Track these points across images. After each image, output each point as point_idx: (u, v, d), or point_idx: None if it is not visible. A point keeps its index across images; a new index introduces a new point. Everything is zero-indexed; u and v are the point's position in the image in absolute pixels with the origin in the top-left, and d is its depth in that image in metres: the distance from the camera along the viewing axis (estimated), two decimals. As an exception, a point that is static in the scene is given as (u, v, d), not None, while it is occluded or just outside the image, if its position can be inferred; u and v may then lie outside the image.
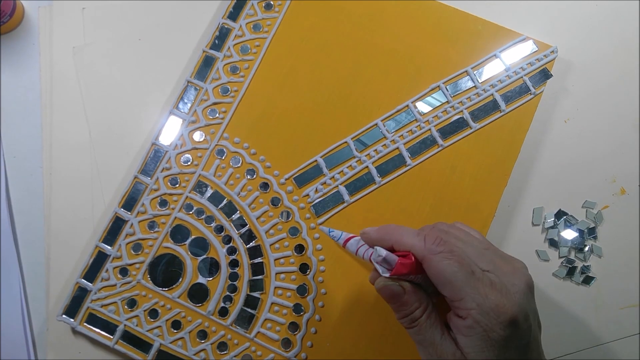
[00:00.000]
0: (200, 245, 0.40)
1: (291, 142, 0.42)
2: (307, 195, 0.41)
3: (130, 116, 0.45)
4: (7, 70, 0.46)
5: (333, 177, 0.42)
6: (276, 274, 0.40)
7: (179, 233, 0.41)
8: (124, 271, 0.40)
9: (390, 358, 0.38)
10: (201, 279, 0.40)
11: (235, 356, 0.38)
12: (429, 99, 0.43)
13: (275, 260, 0.40)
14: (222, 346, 0.39)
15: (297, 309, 0.39)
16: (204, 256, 0.40)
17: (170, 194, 0.41)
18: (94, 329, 0.39)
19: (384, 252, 0.29)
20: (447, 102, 0.43)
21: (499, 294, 0.27)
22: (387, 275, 0.29)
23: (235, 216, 0.41)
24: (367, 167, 0.42)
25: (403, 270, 0.29)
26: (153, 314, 0.39)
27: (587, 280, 0.42)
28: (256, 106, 0.43)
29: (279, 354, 0.38)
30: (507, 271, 0.29)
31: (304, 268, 0.40)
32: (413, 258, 0.29)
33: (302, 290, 0.40)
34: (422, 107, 0.43)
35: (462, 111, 0.43)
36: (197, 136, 0.43)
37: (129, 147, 0.44)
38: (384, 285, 0.30)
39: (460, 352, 0.28)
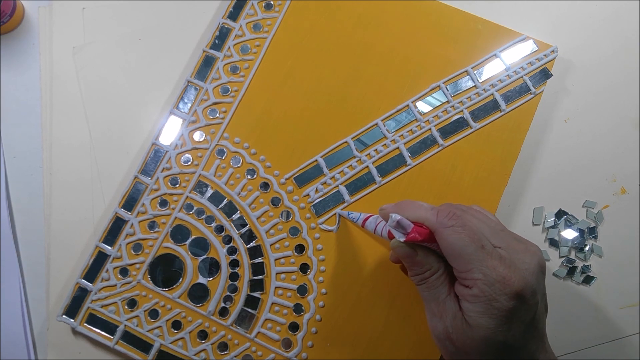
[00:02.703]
0: (201, 246, 0.40)
1: (291, 142, 0.42)
2: (308, 195, 0.41)
3: (130, 116, 0.45)
4: (7, 70, 0.46)
5: (333, 177, 0.42)
6: (276, 274, 0.40)
7: (179, 233, 0.41)
8: (124, 271, 0.40)
9: (390, 358, 0.38)
10: (201, 279, 0.40)
11: (235, 356, 0.38)
12: (429, 98, 0.43)
13: (275, 260, 0.40)
14: (223, 346, 0.39)
15: (298, 309, 0.39)
16: (204, 256, 0.40)
17: (171, 194, 0.41)
18: (94, 329, 0.39)
19: (398, 217, 0.29)
20: (448, 101, 0.43)
21: (507, 268, 0.28)
22: (402, 239, 0.29)
23: (235, 216, 0.41)
24: (367, 167, 0.42)
25: (418, 237, 0.29)
26: (153, 314, 0.39)
27: (588, 280, 0.42)
28: (256, 106, 0.43)
29: (280, 354, 0.38)
30: (519, 250, 0.29)
31: (304, 268, 0.40)
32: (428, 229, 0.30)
33: (302, 290, 0.40)
34: (423, 106, 0.43)
35: (462, 111, 0.43)
36: (197, 136, 0.43)
37: (129, 147, 0.44)
38: (398, 245, 0.31)
39: (461, 314, 0.29)
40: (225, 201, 0.41)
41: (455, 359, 0.30)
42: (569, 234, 0.43)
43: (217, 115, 0.43)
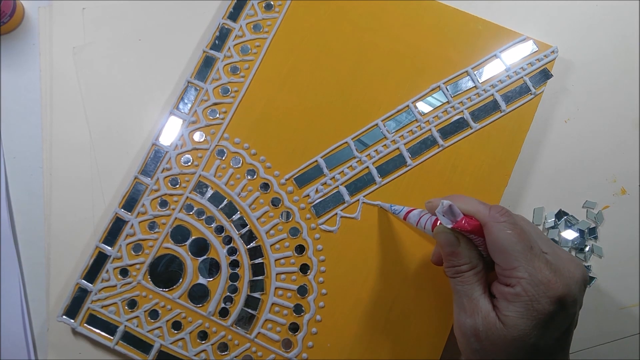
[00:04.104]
0: (201, 246, 0.40)
1: (291, 142, 0.42)
2: (308, 195, 0.41)
3: (130, 116, 0.45)
4: (7, 70, 0.46)
5: (333, 177, 0.42)
6: (277, 274, 0.40)
7: (179, 234, 0.41)
8: (124, 272, 0.40)
9: (390, 358, 0.39)
10: (201, 280, 0.40)
11: (235, 357, 0.38)
12: (429, 99, 0.43)
13: (275, 260, 0.40)
14: (223, 347, 0.39)
15: (298, 309, 0.39)
16: (205, 257, 0.40)
17: (171, 195, 0.41)
18: (95, 329, 0.39)
19: (449, 202, 0.29)
20: (448, 102, 0.43)
21: (553, 272, 0.28)
22: (449, 226, 0.29)
23: (235, 217, 0.41)
24: (367, 167, 0.42)
25: (466, 226, 0.29)
26: (153, 314, 0.39)
27: (588, 280, 0.42)
28: (256, 106, 0.43)
29: (280, 355, 0.38)
30: (565, 259, 0.29)
31: (304, 268, 0.40)
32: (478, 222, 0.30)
33: (302, 290, 0.40)
34: (423, 107, 0.43)
35: (462, 111, 0.43)
36: (198, 136, 0.43)
37: (129, 148, 0.44)
38: (442, 231, 0.30)
39: (496, 313, 0.28)
40: (225, 202, 0.41)
41: (477, 358, 0.30)
42: (569, 234, 0.43)
43: (217, 115, 0.43)
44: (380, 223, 0.41)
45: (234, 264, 0.40)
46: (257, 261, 0.40)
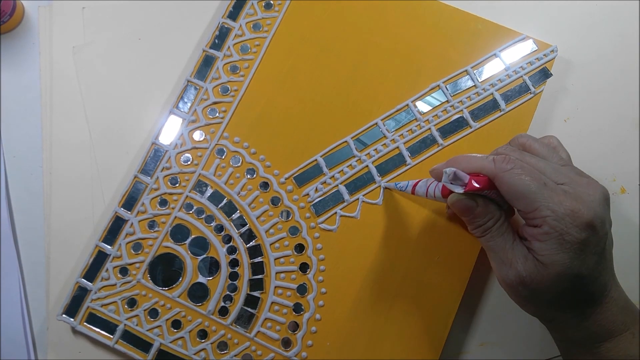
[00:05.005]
0: (200, 245, 0.40)
1: (291, 141, 0.42)
2: (307, 194, 0.41)
3: (130, 116, 0.45)
4: (7, 70, 0.46)
5: (333, 176, 0.42)
6: (276, 273, 0.40)
7: (179, 232, 0.41)
8: (124, 271, 0.40)
9: (390, 358, 0.38)
10: (201, 279, 0.40)
11: (235, 356, 0.38)
12: (428, 98, 0.43)
13: (275, 259, 0.40)
14: (222, 345, 0.39)
15: (297, 308, 0.39)
16: (204, 255, 0.40)
17: (170, 194, 0.41)
18: (94, 328, 0.39)
19: (453, 169, 0.29)
20: (447, 101, 0.43)
21: (574, 200, 0.28)
22: (461, 191, 0.29)
23: (235, 215, 0.41)
24: (367, 166, 0.42)
25: (477, 186, 0.29)
26: (153, 313, 0.39)
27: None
28: (256, 105, 0.43)
29: (279, 354, 0.38)
30: (582, 183, 0.30)
31: (304, 267, 0.40)
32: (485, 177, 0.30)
33: (302, 289, 0.40)
34: (422, 106, 0.43)
35: (462, 110, 0.43)
36: (197, 135, 0.43)
37: (129, 147, 0.44)
38: (457, 199, 0.30)
39: (532, 255, 0.29)
40: (225, 200, 0.41)
41: (528, 303, 0.30)
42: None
43: (217, 114, 0.43)
44: (380, 222, 0.41)
45: (234, 263, 0.40)
46: (256, 260, 0.40)
